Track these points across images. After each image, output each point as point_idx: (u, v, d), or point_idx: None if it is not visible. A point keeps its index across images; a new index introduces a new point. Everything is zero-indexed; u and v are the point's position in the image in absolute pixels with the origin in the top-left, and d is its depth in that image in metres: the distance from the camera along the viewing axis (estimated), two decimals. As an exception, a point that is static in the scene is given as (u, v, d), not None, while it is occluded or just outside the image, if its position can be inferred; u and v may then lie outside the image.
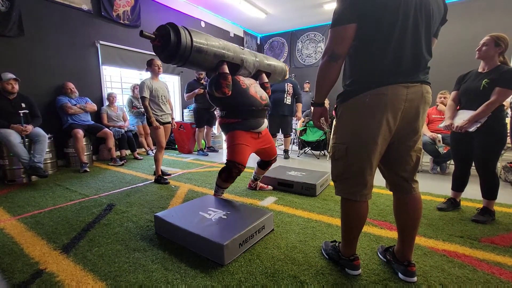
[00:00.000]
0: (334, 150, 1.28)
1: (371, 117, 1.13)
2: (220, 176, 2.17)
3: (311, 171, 2.99)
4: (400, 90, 1.11)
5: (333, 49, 1.13)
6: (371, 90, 1.12)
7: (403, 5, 1.06)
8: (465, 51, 5.13)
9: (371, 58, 1.13)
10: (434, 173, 3.47)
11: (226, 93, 2.03)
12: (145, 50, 4.99)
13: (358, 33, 1.11)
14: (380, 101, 1.11)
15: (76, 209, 2.23)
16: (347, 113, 1.21)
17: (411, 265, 1.29)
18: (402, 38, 1.09)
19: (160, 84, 3.02)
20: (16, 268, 1.41)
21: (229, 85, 2.03)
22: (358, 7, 1.07)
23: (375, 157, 1.19)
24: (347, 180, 1.24)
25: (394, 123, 1.15)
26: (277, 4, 5.81)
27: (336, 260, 1.43)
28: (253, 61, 2.30)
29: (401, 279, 1.30)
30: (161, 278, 1.32)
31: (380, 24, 1.08)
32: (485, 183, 1.97)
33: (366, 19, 1.08)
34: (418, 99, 1.14)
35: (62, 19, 3.86)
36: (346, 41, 1.11)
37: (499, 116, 1.88)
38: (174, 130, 4.75)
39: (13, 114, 2.99)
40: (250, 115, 2.16)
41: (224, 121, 2.20)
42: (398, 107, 1.12)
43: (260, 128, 2.23)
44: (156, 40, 1.81)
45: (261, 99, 2.21)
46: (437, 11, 1.15)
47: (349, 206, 1.28)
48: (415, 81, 1.13)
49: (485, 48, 1.88)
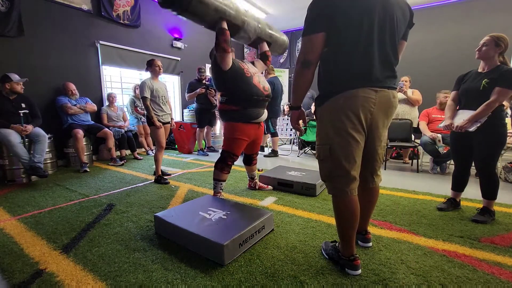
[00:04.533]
0: (319, 151, 1.34)
1: (347, 117, 1.22)
2: (216, 167, 2.24)
3: (311, 171, 2.99)
4: (370, 93, 1.20)
5: (304, 57, 1.23)
6: (344, 92, 1.21)
7: (367, 15, 1.14)
8: (465, 51, 5.14)
9: (341, 64, 1.21)
10: (434, 173, 3.47)
11: (226, 49, 2.02)
12: (145, 50, 5.00)
13: (327, 41, 1.20)
14: (352, 102, 1.20)
15: (76, 209, 2.23)
16: (325, 115, 1.29)
17: (368, 233, 1.59)
18: (369, 46, 1.17)
19: (160, 85, 3.02)
20: (16, 268, 1.41)
21: (227, 40, 2.02)
22: (325, 18, 1.16)
23: (357, 153, 1.27)
24: (336, 178, 1.29)
25: (366, 122, 1.25)
26: (277, 4, 5.82)
27: (336, 260, 1.43)
28: (255, 26, 2.28)
29: (361, 246, 1.58)
30: (161, 278, 1.32)
31: (346, 33, 1.16)
32: (485, 183, 1.97)
33: (333, 29, 1.16)
34: (386, 103, 1.26)
35: (62, 19, 3.86)
36: (316, 49, 1.21)
37: (499, 116, 1.88)
38: (174, 130, 4.75)
39: (13, 114, 2.99)
40: (251, 104, 2.16)
41: (224, 107, 2.20)
42: (369, 108, 1.22)
43: (260, 118, 2.24)
44: None
45: (264, 90, 2.22)
46: (402, 18, 1.24)
47: (340, 203, 1.31)
48: (382, 86, 1.23)
49: (485, 48, 1.88)
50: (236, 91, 2.13)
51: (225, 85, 2.16)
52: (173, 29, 5.62)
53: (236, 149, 2.21)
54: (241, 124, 2.18)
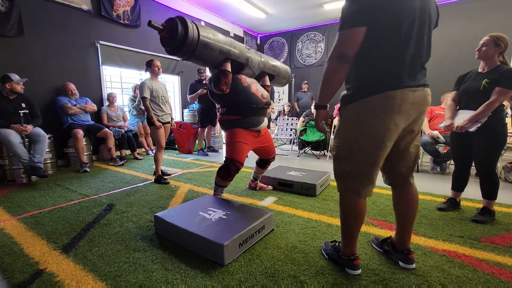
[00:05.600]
0: (338, 149, 1.29)
1: (380, 120, 1.16)
2: (219, 174, 2.19)
3: (311, 171, 2.99)
4: (407, 94, 1.15)
5: (342, 51, 1.13)
6: (380, 93, 1.14)
7: (409, 12, 1.09)
8: (465, 51, 5.14)
9: (379, 61, 1.15)
10: (434, 173, 3.47)
11: (224, 91, 2.04)
12: (145, 50, 4.99)
13: (366, 36, 1.11)
14: (388, 104, 1.14)
15: (76, 209, 2.23)
16: (354, 114, 1.22)
17: (411, 253, 1.39)
18: (408, 44, 1.13)
19: (159, 85, 3.03)
20: (16, 268, 1.41)
21: (228, 83, 2.03)
22: (368, 12, 1.08)
23: (382, 157, 1.22)
24: (353, 178, 1.26)
25: (401, 125, 1.19)
26: (277, 4, 5.81)
27: (336, 260, 1.43)
28: (258, 61, 2.30)
29: (402, 267, 1.39)
30: (161, 278, 1.32)
31: (389, 29, 1.10)
32: (485, 183, 1.97)
33: (376, 24, 1.09)
34: (421, 102, 1.20)
35: (62, 19, 3.86)
36: (355, 44, 1.12)
37: (499, 116, 1.88)
38: (174, 130, 4.76)
39: (13, 114, 2.99)
40: (251, 112, 2.16)
41: (224, 118, 2.20)
42: (405, 110, 1.16)
43: (260, 126, 2.24)
44: (164, 32, 1.82)
45: (262, 97, 2.22)
46: (434, 17, 1.21)
47: (350, 204, 1.29)
48: (419, 85, 1.17)
49: (484, 48, 1.88)
50: (234, 102, 2.13)
51: (222, 98, 2.16)
52: (173, 29, 5.61)
53: (238, 154, 2.14)
54: (241, 130, 2.17)
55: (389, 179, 1.40)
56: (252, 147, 2.29)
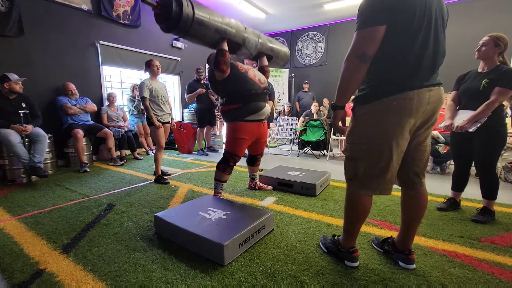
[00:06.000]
0: (351, 149, 1.29)
1: (397, 120, 1.15)
2: (218, 168, 2.25)
3: (311, 171, 2.99)
4: (425, 94, 1.15)
5: (363, 50, 1.11)
6: (398, 94, 1.13)
7: (428, 10, 1.09)
8: (465, 51, 5.13)
9: (397, 60, 1.13)
10: (434, 173, 3.47)
11: (224, 70, 2.04)
12: (145, 50, 4.99)
13: (385, 35, 1.10)
14: (406, 105, 1.13)
15: (76, 209, 2.23)
16: (370, 114, 1.21)
17: (412, 253, 1.38)
18: (426, 42, 1.12)
19: (159, 85, 3.02)
20: (16, 268, 1.41)
21: (226, 62, 2.03)
22: (389, 9, 1.07)
23: (398, 156, 1.22)
24: (369, 179, 1.25)
25: (415, 124, 1.19)
26: (277, 4, 5.81)
27: (335, 253, 1.46)
28: (256, 42, 2.28)
29: (402, 267, 1.39)
30: (161, 278, 1.32)
31: (408, 27, 1.09)
32: (485, 183, 1.97)
33: (396, 22, 1.08)
34: (437, 101, 1.20)
35: (62, 19, 3.86)
36: (376, 43, 1.11)
37: (499, 116, 1.88)
38: (174, 130, 4.76)
39: (13, 114, 2.99)
40: (250, 98, 2.16)
41: (225, 108, 2.21)
42: (422, 110, 1.16)
43: (262, 111, 2.22)
44: (158, 8, 1.81)
45: (260, 82, 2.22)
46: (446, 17, 1.21)
47: (358, 200, 1.30)
48: (435, 84, 1.18)
49: (484, 48, 1.88)
50: (234, 90, 2.14)
51: (222, 89, 2.17)
52: (173, 29, 5.61)
53: (238, 150, 2.22)
54: (243, 123, 2.18)
55: (400, 179, 1.37)
56: (251, 141, 2.31)
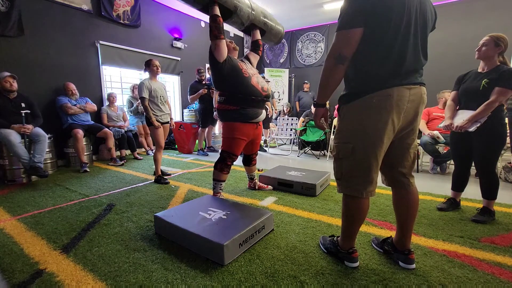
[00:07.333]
0: (338, 149, 1.30)
1: (378, 117, 1.18)
2: (216, 168, 2.25)
3: (311, 171, 2.99)
4: (404, 92, 1.17)
5: (340, 52, 1.16)
6: (377, 91, 1.17)
7: (406, 13, 1.11)
8: (465, 51, 5.13)
9: (376, 61, 1.17)
10: (434, 173, 3.47)
11: (218, 36, 2.03)
12: (145, 50, 5.00)
13: (363, 37, 1.14)
14: (386, 102, 1.16)
15: (76, 209, 2.23)
16: (352, 113, 1.24)
17: (411, 253, 1.39)
18: (405, 44, 1.15)
19: (158, 85, 3.02)
20: (16, 268, 1.41)
21: (218, 27, 2.02)
22: (366, 12, 1.10)
23: (380, 155, 1.24)
24: (354, 178, 1.27)
25: (398, 122, 1.21)
26: (277, 4, 5.81)
27: (334, 253, 1.47)
28: (248, 13, 2.26)
29: (402, 267, 1.39)
30: (161, 278, 1.32)
31: (385, 29, 1.12)
32: (485, 183, 1.97)
33: (373, 25, 1.11)
34: (418, 100, 1.23)
35: (62, 19, 3.86)
36: (353, 44, 1.14)
37: (499, 116, 1.88)
38: (174, 130, 4.76)
39: (13, 114, 2.99)
40: (249, 104, 2.17)
41: (222, 107, 2.20)
42: (402, 107, 1.18)
43: (258, 118, 2.25)
44: None
45: (262, 90, 2.22)
46: (431, 19, 1.22)
47: (353, 203, 1.32)
48: (416, 83, 1.20)
49: (484, 48, 1.88)
50: (234, 91, 2.14)
51: (223, 82, 2.15)
52: (173, 29, 5.62)
53: (235, 149, 2.22)
54: (240, 124, 2.18)
55: (388, 180, 1.41)
56: (247, 141, 2.33)
